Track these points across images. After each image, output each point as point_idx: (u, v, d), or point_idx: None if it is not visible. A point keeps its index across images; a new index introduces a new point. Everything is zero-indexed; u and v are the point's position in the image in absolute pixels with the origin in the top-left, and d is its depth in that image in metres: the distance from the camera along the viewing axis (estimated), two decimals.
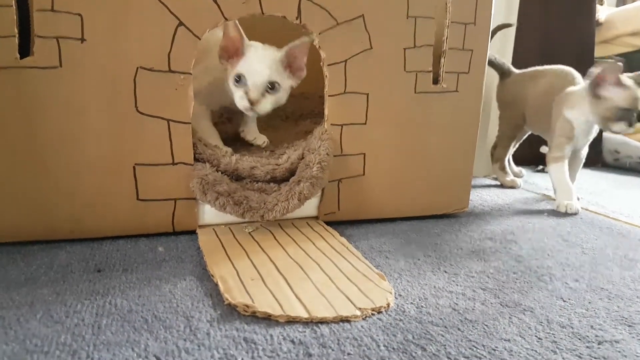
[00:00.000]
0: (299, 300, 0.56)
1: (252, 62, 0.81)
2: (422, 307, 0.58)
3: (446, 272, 0.68)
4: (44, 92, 0.67)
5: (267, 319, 0.53)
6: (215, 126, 0.93)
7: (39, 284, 0.58)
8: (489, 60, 1.00)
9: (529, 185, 1.28)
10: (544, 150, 1.14)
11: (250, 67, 0.81)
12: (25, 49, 0.66)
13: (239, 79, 0.81)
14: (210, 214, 0.78)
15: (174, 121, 0.73)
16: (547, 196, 1.16)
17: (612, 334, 0.53)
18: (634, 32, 1.77)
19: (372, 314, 0.55)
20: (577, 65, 1.15)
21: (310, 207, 0.84)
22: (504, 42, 1.39)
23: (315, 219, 0.86)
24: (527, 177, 1.38)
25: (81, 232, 0.73)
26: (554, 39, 1.52)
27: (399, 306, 0.57)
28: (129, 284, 0.60)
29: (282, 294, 0.57)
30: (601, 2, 1.88)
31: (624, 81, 0.96)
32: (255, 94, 0.81)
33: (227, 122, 1.04)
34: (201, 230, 0.78)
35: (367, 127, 0.84)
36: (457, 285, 0.64)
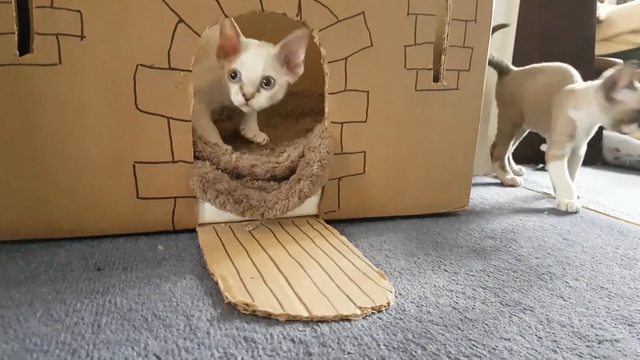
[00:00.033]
0: (299, 299, 0.56)
1: (247, 58, 0.82)
2: (422, 306, 0.58)
3: (446, 270, 0.68)
4: (44, 89, 0.67)
5: (267, 317, 0.53)
6: (215, 124, 0.93)
7: (38, 283, 0.58)
8: None
9: (529, 183, 1.28)
10: (544, 148, 1.14)
11: (244, 63, 0.82)
12: (24, 46, 0.66)
13: (235, 75, 0.82)
14: (210, 212, 0.78)
15: (174, 119, 0.73)
16: (548, 194, 1.16)
17: (613, 333, 0.53)
18: (635, 30, 1.77)
19: (372, 313, 0.55)
20: (578, 63, 1.14)
21: (310, 205, 0.84)
22: (504, 40, 1.39)
23: (315, 217, 0.86)
24: (527, 175, 1.38)
25: (81, 230, 0.72)
26: (555, 36, 1.52)
27: (399, 305, 0.57)
28: (128, 282, 0.59)
29: (282, 292, 0.57)
30: None
31: (635, 84, 0.96)
32: (249, 88, 0.82)
33: (227, 120, 1.04)
34: (201, 228, 0.78)
35: (368, 125, 0.83)
36: (457, 284, 0.64)
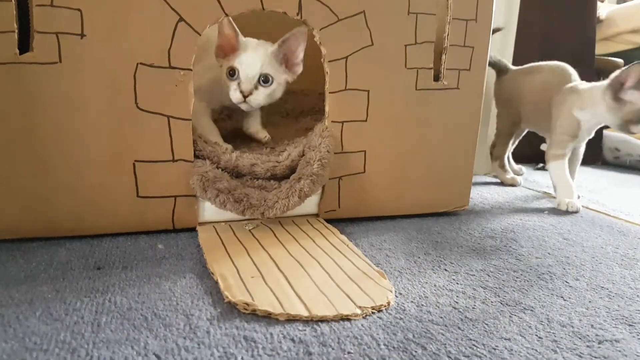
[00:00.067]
0: (299, 298, 0.56)
1: (245, 56, 0.83)
2: (422, 305, 0.57)
3: (446, 270, 0.68)
4: (44, 88, 0.67)
5: (267, 317, 0.53)
6: (215, 123, 0.93)
7: (38, 282, 0.58)
8: None
9: (529, 183, 1.28)
10: (544, 147, 1.14)
11: (242, 61, 0.83)
12: (24, 44, 0.66)
13: (233, 73, 0.83)
14: (210, 211, 0.78)
15: (174, 117, 0.73)
16: (548, 194, 1.16)
17: (613, 333, 0.53)
18: (635, 30, 1.77)
19: (373, 313, 0.55)
20: (578, 64, 1.14)
21: (310, 204, 0.84)
22: (504, 42, 1.39)
23: (315, 216, 0.86)
24: (527, 174, 1.38)
25: (81, 229, 0.72)
26: (555, 38, 1.52)
27: (399, 304, 0.57)
28: (128, 281, 0.59)
29: (282, 292, 0.57)
30: None
31: None
32: (247, 85, 0.82)
33: (227, 119, 1.04)
34: (201, 227, 0.78)
35: (368, 124, 0.83)
36: (458, 283, 0.64)
